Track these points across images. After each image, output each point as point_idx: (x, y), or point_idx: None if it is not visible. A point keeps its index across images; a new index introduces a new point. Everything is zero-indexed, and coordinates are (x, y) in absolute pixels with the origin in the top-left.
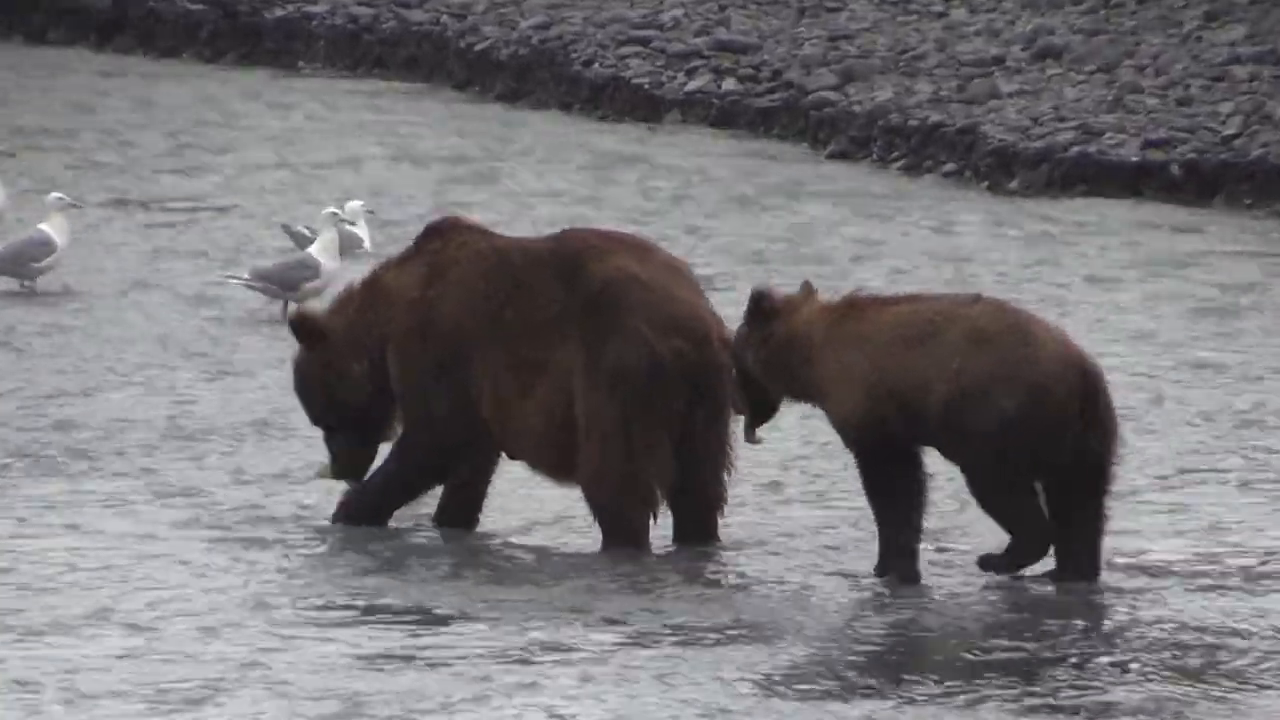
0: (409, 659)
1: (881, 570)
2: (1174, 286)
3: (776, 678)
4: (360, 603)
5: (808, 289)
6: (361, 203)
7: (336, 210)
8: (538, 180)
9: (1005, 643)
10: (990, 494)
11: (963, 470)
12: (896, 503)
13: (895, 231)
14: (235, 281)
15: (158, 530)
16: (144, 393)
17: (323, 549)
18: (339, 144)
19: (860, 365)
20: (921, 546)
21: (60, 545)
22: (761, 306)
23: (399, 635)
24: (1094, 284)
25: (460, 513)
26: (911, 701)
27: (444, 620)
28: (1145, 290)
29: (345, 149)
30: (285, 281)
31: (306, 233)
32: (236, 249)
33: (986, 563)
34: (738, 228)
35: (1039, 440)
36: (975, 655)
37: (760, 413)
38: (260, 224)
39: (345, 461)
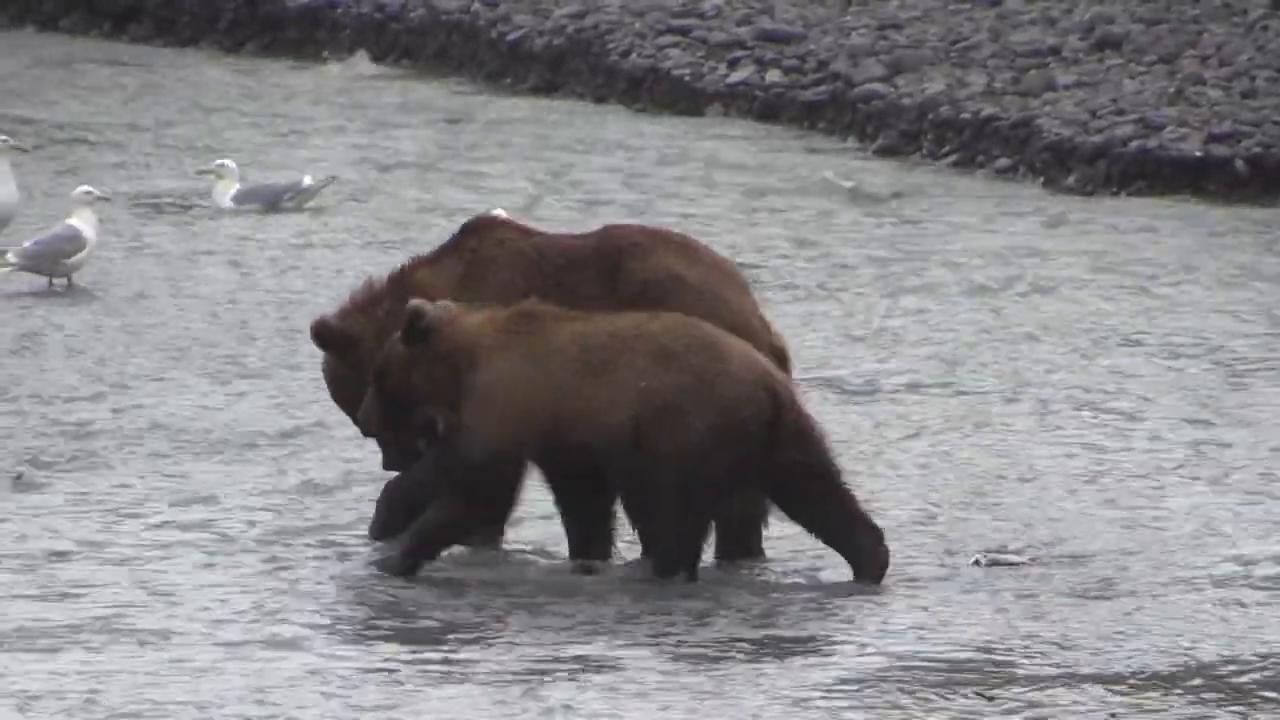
0: (444, 674)
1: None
2: (1240, 288)
3: (820, 693)
4: (391, 616)
5: (449, 310)
6: (228, 160)
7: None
8: (580, 174)
9: (1061, 657)
10: (672, 512)
11: (649, 489)
12: (459, 523)
13: (946, 230)
14: None
15: (173, 540)
16: (164, 397)
17: (349, 560)
18: (370, 141)
19: (527, 382)
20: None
21: (73, 553)
22: (418, 324)
23: (433, 650)
24: (1156, 285)
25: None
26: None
27: (481, 635)
28: (1209, 292)
29: (376, 146)
30: None
31: None
32: (265, 248)
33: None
34: (782, 226)
35: (728, 458)
36: (1023, 673)
37: (404, 436)
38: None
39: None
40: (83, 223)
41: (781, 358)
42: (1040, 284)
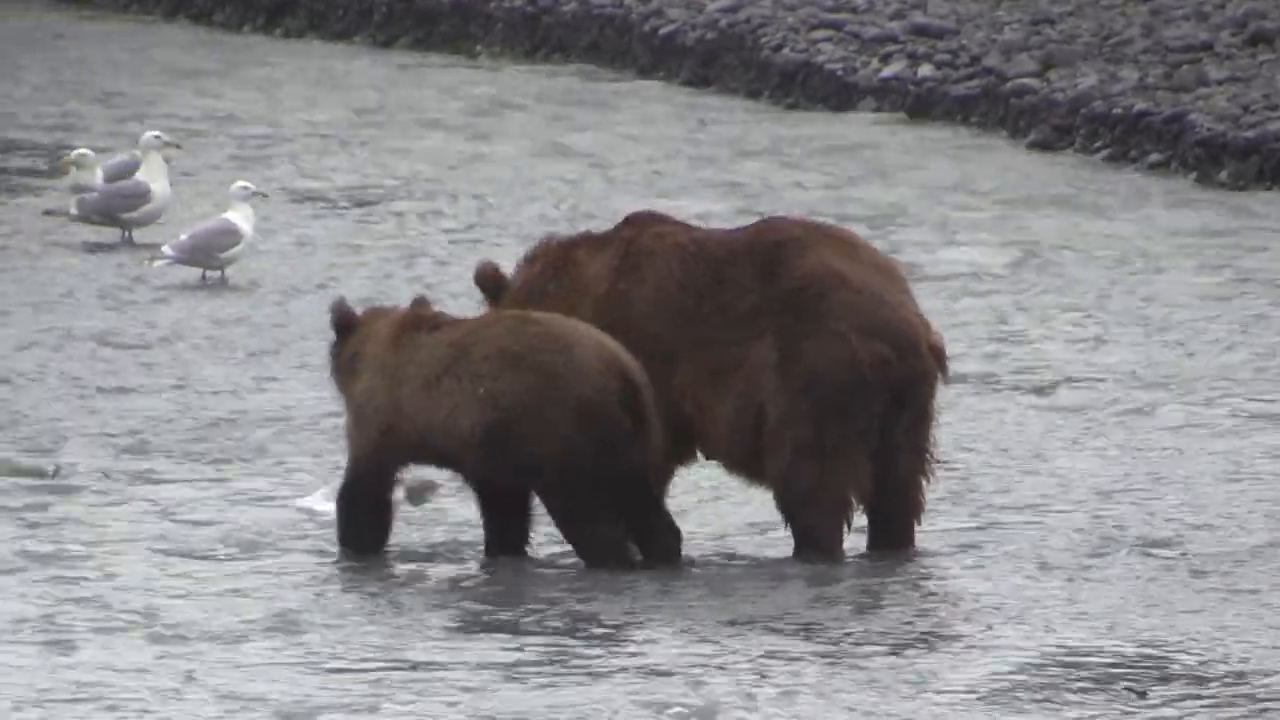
0: (586, 669)
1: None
2: None
3: (972, 687)
4: (534, 610)
5: (421, 302)
6: (87, 150)
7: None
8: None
9: (1216, 651)
10: (570, 519)
11: (540, 498)
12: (366, 526)
13: (1101, 225)
14: None
15: (311, 532)
16: (304, 393)
17: (484, 553)
18: (533, 137)
19: (381, 399)
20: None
21: (214, 548)
22: (337, 321)
23: (576, 644)
24: None
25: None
26: (1116, 714)
27: (626, 630)
28: None
29: (536, 142)
30: None
31: None
32: (417, 244)
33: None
34: (923, 224)
35: (597, 454)
36: (1176, 668)
37: None
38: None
39: None
40: (239, 217)
41: (940, 356)
42: (1203, 278)
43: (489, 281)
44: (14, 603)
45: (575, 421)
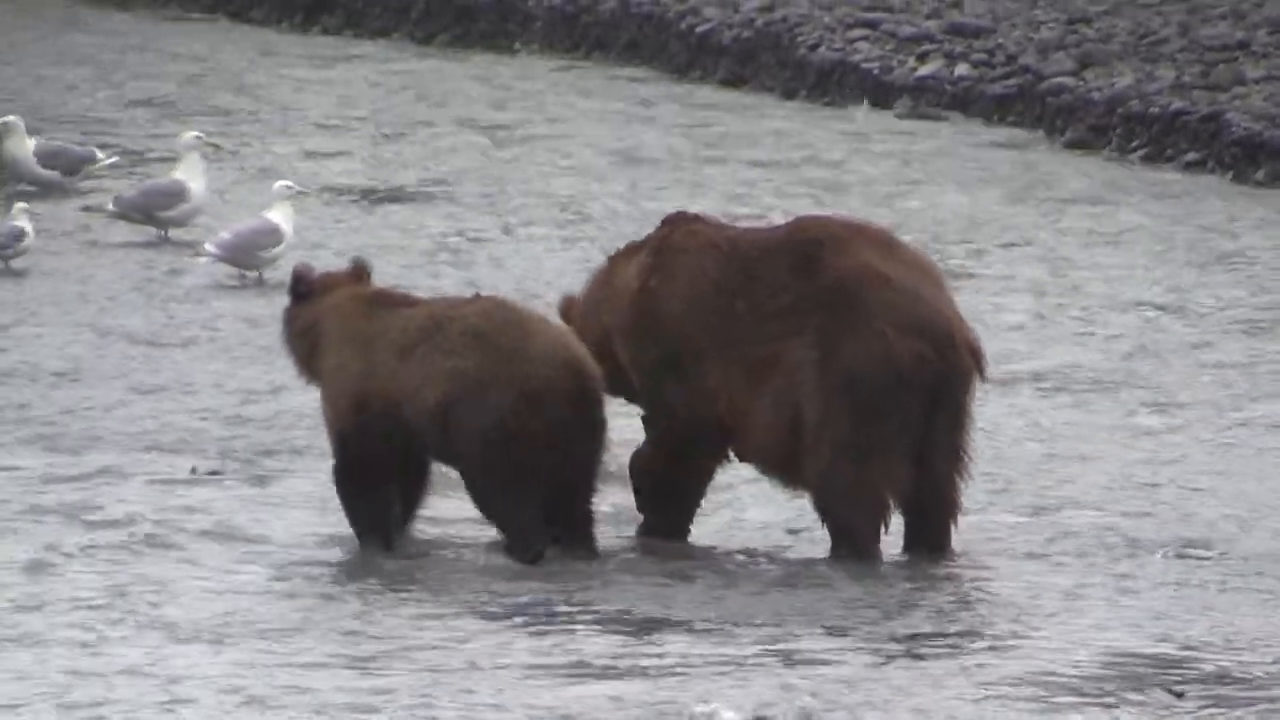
0: (631, 668)
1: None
2: None
3: (1009, 688)
4: (575, 609)
5: (358, 267)
6: (12, 117)
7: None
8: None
9: (1251, 653)
10: (482, 494)
11: (460, 472)
12: (366, 499)
13: (1136, 224)
14: None
15: (345, 529)
16: None
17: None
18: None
19: (354, 367)
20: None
21: (247, 546)
22: (297, 288)
23: (616, 643)
24: None
25: (675, 522)
26: (1153, 714)
27: (666, 629)
28: None
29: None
30: None
31: None
32: (453, 242)
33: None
34: (965, 223)
35: (529, 440)
36: (1214, 669)
37: None
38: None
39: None
40: (280, 217)
41: (977, 355)
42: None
43: (564, 310)
44: (54, 596)
45: (514, 405)
